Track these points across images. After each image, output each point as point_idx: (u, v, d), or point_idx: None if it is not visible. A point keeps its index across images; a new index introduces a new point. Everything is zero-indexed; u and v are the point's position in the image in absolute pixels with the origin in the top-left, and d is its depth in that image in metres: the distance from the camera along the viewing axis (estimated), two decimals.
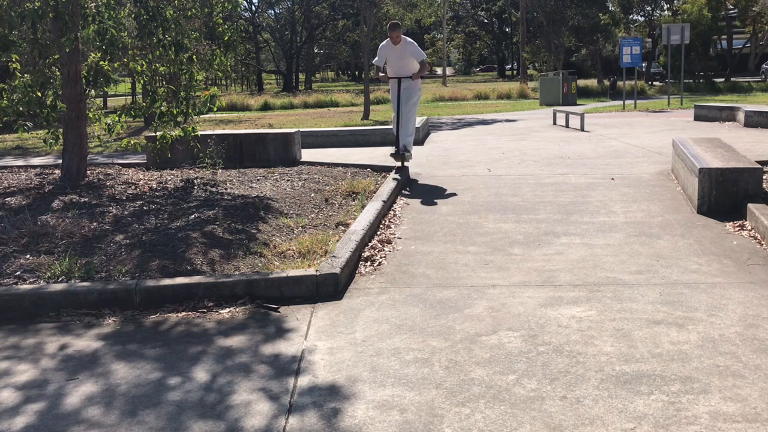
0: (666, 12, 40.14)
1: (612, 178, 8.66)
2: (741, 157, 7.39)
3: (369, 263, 5.40)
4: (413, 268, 5.28)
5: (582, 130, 14.92)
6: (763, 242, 5.66)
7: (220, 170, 9.22)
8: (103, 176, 8.99)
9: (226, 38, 8.69)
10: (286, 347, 3.88)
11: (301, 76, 61.83)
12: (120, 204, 7.16)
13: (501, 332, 3.98)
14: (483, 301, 4.51)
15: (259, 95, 39.29)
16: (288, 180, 8.51)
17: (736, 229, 6.13)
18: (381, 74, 9.39)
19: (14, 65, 8.54)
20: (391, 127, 11.29)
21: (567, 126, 16.01)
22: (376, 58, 9.32)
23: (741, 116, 15.03)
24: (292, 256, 5.32)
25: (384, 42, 9.20)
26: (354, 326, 4.16)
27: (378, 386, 3.37)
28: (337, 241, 5.59)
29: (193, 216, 6.47)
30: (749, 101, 22.79)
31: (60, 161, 9.12)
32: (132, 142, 8.76)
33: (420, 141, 13.60)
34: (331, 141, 13.42)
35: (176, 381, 3.50)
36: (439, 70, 77.72)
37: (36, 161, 11.58)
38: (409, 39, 9.08)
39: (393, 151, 9.18)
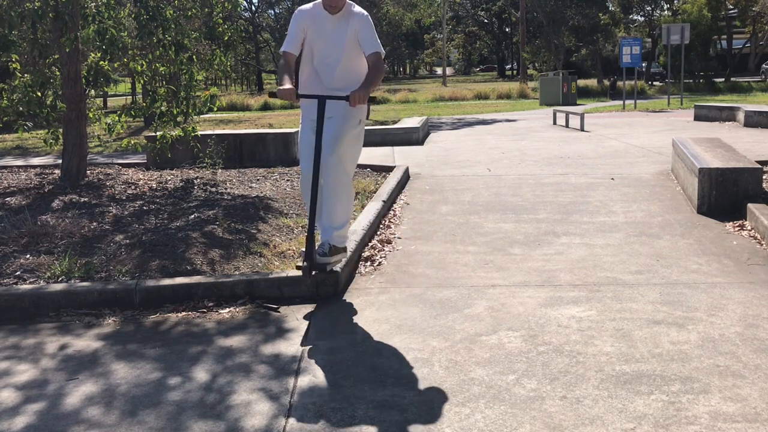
0: (666, 12, 40.17)
1: (612, 178, 8.66)
2: (741, 157, 7.39)
3: (369, 263, 5.40)
4: (413, 268, 5.28)
5: (582, 130, 14.92)
6: (763, 242, 5.66)
7: (220, 170, 9.22)
8: (103, 176, 8.99)
9: (226, 38, 8.69)
10: (286, 347, 3.88)
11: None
12: (120, 204, 7.16)
13: (501, 332, 3.98)
14: (483, 301, 4.51)
15: (259, 95, 39.23)
16: (288, 180, 8.50)
17: (736, 229, 6.13)
18: (285, 86, 4.25)
19: (14, 65, 8.54)
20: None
21: (567, 126, 16.01)
22: (286, 41, 4.44)
23: (741, 116, 15.04)
24: (292, 256, 5.32)
25: (307, 6, 4.50)
26: (354, 326, 4.16)
27: (378, 386, 3.37)
28: None
29: (193, 216, 6.47)
30: (749, 101, 22.80)
31: (60, 161, 9.12)
32: (132, 142, 8.76)
33: (420, 141, 13.61)
34: None
35: (176, 381, 3.50)
36: (439, 70, 77.77)
37: (36, 161, 11.58)
38: (358, 9, 4.44)
39: (300, 262, 4.52)
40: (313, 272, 4.37)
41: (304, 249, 4.39)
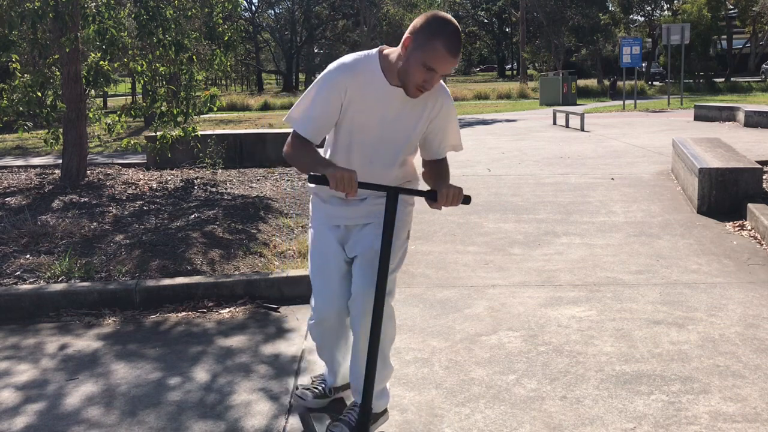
0: (666, 12, 40.18)
1: (612, 178, 8.66)
2: (741, 157, 7.39)
3: None
4: (413, 268, 5.28)
5: (582, 130, 14.92)
6: (763, 242, 5.66)
7: (220, 170, 9.22)
8: (103, 176, 8.99)
9: (226, 38, 8.68)
10: (286, 347, 3.88)
11: (301, 76, 61.80)
12: (120, 204, 7.16)
13: (501, 332, 3.98)
14: (483, 301, 4.51)
15: (259, 95, 39.29)
16: (288, 180, 8.50)
17: (736, 229, 6.13)
18: (339, 169, 2.46)
19: (14, 65, 8.54)
20: None
21: (567, 126, 16.01)
22: (305, 118, 2.68)
23: (741, 116, 15.04)
24: (292, 256, 5.31)
25: (355, 62, 2.66)
26: None
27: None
28: None
29: (193, 216, 6.47)
30: (749, 101, 22.80)
31: (60, 161, 9.12)
32: (132, 142, 8.75)
33: None
34: None
35: (176, 381, 3.50)
36: None
37: (36, 161, 11.58)
38: (443, 85, 2.75)
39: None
40: None
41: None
